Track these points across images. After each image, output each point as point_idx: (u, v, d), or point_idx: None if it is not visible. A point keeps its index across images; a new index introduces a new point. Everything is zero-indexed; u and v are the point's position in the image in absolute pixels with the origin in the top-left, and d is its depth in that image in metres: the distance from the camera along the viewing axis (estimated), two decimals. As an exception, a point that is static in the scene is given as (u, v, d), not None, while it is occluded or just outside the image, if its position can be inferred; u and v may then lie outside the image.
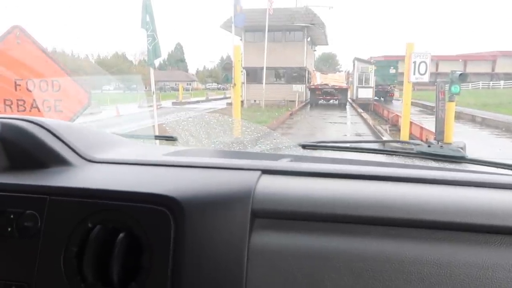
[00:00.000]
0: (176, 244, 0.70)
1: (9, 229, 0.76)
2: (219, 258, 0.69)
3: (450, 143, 8.55)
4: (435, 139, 8.60)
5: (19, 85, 2.87)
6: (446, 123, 8.50)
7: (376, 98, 24.97)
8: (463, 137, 9.75)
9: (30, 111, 2.89)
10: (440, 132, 8.49)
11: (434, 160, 1.22)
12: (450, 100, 8.56)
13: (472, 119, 16.70)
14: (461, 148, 8.39)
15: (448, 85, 8.48)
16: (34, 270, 0.74)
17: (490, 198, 0.76)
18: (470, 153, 1.22)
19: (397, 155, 1.34)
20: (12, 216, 0.77)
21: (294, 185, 0.81)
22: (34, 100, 2.87)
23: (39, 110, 2.88)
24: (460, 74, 8.54)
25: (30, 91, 2.87)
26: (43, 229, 0.75)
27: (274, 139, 1.85)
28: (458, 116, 13.34)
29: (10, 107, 2.85)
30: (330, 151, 1.36)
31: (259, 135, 1.92)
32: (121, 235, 0.71)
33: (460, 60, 43.72)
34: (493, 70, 45.68)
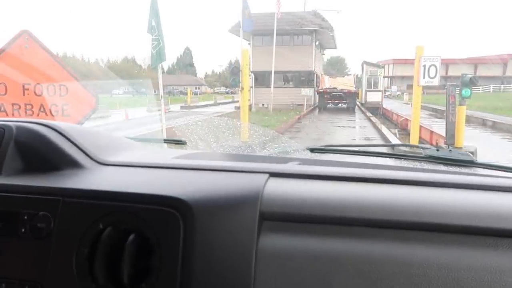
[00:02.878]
0: (185, 245, 0.70)
1: (23, 230, 0.78)
2: (228, 260, 0.69)
3: (460, 147, 8.47)
4: (445, 143, 8.53)
5: (27, 89, 2.89)
6: (457, 127, 8.42)
7: None
8: (474, 141, 9.62)
9: (38, 115, 2.90)
10: (450, 136, 8.42)
11: (443, 164, 1.21)
12: (461, 104, 8.49)
13: (483, 123, 16.54)
14: (472, 152, 8.33)
15: (458, 88, 8.41)
16: (47, 270, 0.75)
17: (499, 201, 0.75)
18: (481, 158, 1.20)
19: (406, 159, 1.34)
20: (26, 217, 0.78)
21: (302, 188, 0.81)
22: (41, 104, 2.89)
23: (46, 114, 2.89)
24: (471, 78, 8.47)
25: (38, 95, 2.89)
26: (56, 230, 0.77)
27: (282, 143, 1.84)
28: (469, 120, 13.21)
29: (18, 112, 2.86)
30: (338, 154, 1.37)
31: (267, 138, 1.91)
32: (132, 236, 0.72)
33: (469, 63, 43.54)
34: (504, 73, 45.38)
